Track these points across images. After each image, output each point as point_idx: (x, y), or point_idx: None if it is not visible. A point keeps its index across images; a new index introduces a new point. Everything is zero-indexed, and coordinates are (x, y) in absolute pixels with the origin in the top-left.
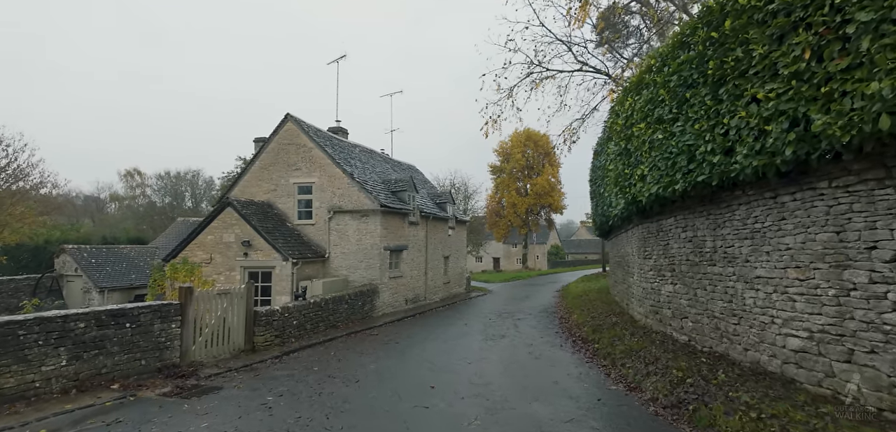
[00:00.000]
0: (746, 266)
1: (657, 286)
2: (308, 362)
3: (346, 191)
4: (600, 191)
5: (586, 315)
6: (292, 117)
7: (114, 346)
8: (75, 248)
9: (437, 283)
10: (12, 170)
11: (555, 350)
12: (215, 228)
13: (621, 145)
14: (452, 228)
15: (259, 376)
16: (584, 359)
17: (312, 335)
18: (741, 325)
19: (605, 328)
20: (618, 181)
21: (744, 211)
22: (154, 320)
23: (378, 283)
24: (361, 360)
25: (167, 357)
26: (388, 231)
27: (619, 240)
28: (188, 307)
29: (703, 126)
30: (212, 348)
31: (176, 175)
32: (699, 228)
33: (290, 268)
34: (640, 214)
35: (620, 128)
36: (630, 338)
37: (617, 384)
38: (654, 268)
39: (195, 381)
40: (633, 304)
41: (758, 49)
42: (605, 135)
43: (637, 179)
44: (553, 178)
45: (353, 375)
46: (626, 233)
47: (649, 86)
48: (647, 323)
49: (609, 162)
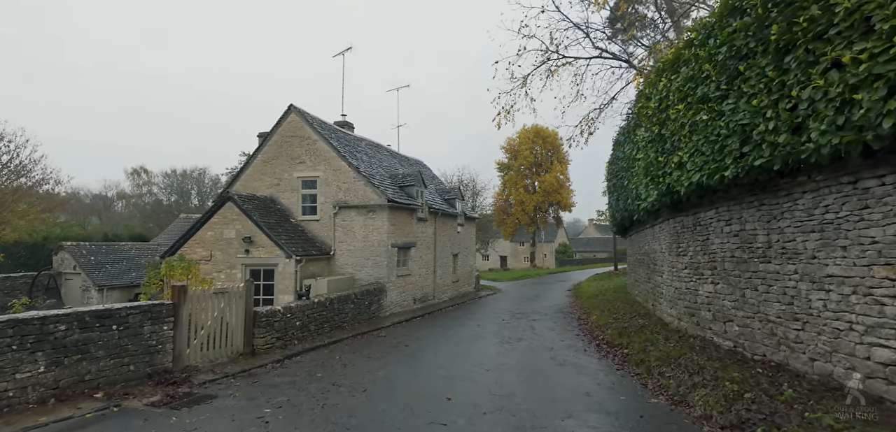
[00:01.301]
0: (813, 263)
1: (693, 286)
2: (311, 367)
3: (351, 186)
4: (623, 183)
5: (608, 316)
6: (296, 109)
7: (98, 351)
8: (74, 245)
9: (445, 282)
10: (14, 166)
11: (579, 355)
12: (215, 224)
13: (653, 131)
14: (461, 225)
15: (258, 383)
16: (614, 366)
17: (316, 336)
18: (806, 332)
19: (633, 331)
20: (649, 171)
21: (810, 199)
22: (144, 322)
23: (385, 282)
24: (369, 366)
25: (158, 361)
26: (396, 227)
27: (642, 237)
28: (182, 307)
29: (762, 101)
30: (208, 351)
31: (182, 173)
32: (748, 221)
33: (293, 265)
34: (673, 208)
35: (652, 112)
36: (664, 343)
37: (657, 396)
38: (689, 266)
39: (188, 389)
40: (662, 305)
41: (843, 2)
42: (629, 122)
43: (673, 167)
44: (562, 175)
45: (360, 383)
46: (651, 229)
47: (689, 62)
48: (681, 326)
49: (637, 150)
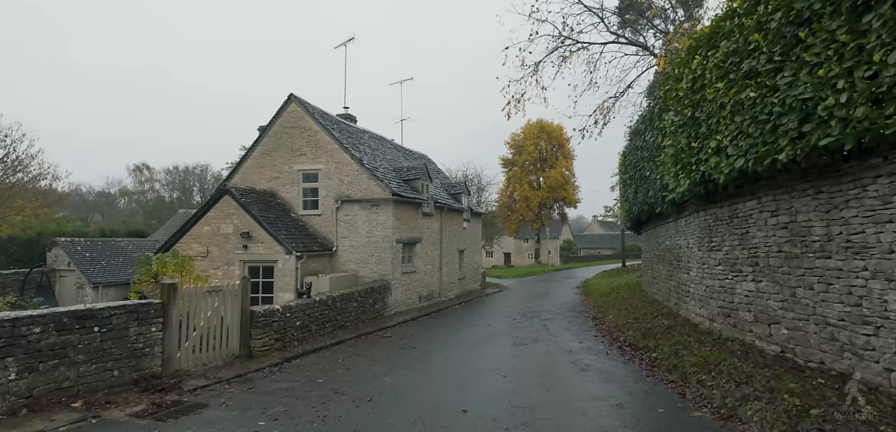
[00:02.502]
0: (890, 259)
1: (730, 284)
2: (312, 371)
3: (354, 179)
4: (643, 174)
5: (626, 315)
6: (296, 98)
7: (78, 355)
8: (68, 241)
9: (451, 279)
10: (11, 161)
11: (601, 359)
12: (212, 219)
13: (685, 114)
14: (467, 221)
15: (253, 390)
16: (642, 372)
17: (318, 337)
18: (880, 337)
19: (658, 332)
20: (679, 158)
21: (887, 184)
22: (129, 323)
23: (390, 279)
24: (374, 371)
25: (146, 366)
26: (401, 222)
27: (662, 232)
28: (171, 307)
29: (830, 71)
30: (201, 354)
31: (184, 169)
32: (800, 211)
33: (293, 261)
34: (704, 199)
35: (683, 93)
36: (698, 347)
37: (700, 409)
38: (724, 262)
39: (177, 396)
40: (689, 304)
41: None
42: (652, 108)
43: (710, 153)
44: (567, 171)
45: (364, 391)
46: (675, 223)
47: (731, 34)
48: (714, 327)
49: (662, 137)
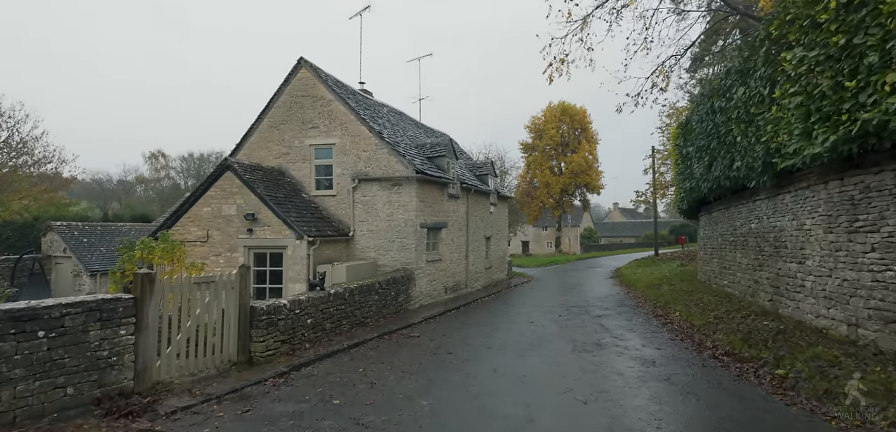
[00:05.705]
0: None
1: (889, 278)
2: (326, 386)
3: (373, 155)
4: (730, 141)
5: (704, 313)
6: (307, 62)
7: (14, 369)
8: (64, 226)
9: (478, 269)
10: (15, 144)
11: (701, 376)
12: (212, 198)
13: (834, 43)
14: (494, 204)
15: (250, 413)
16: (773, 396)
17: (333, 337)
18: None
19: (766, 339)
20: (814, 108)
21: None
22: (89, 325)
23: (414, 268)
24: (406, 388)
25: (112, 381)
26: (425, 204)
27: (743, 212)
28: (147, 304)
29: None
30: (187, 362)
31: (199, 156)
32: None
33: (305, 247)
34: (843, 163)
35: (831, 15)
36: (856, 364)
37: None
38: (882, 247)
39: (148, 422)
40: (803, 303)
41: None
42: (754, 48)
43: (885, 93)
44: (590, 156)
45: (396, 420)
46: (770, 201)
47: None
48: (861, 335)
49: (773, 88)
